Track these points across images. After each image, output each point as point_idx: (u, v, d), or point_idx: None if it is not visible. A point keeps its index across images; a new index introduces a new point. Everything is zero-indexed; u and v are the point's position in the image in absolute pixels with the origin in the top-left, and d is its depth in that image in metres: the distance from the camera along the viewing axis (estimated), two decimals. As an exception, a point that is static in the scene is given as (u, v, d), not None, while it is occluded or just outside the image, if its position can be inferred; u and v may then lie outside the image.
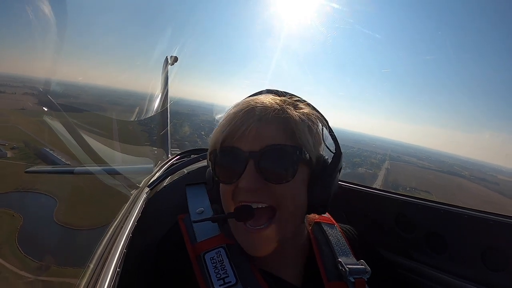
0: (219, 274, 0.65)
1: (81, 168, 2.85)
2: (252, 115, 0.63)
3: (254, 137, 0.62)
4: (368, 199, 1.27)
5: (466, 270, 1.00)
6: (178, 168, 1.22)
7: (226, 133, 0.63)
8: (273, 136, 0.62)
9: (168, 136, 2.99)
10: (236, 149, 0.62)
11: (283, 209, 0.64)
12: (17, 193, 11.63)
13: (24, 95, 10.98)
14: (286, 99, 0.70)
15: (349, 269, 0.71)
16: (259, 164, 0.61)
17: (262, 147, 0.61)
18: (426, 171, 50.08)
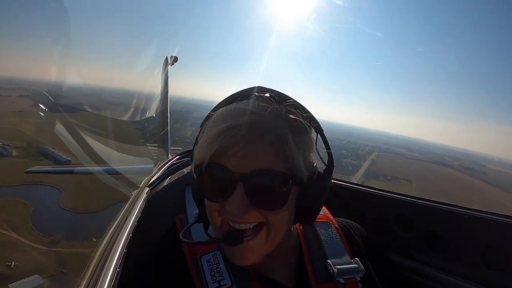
0: (214, 277, 0.65)
1: (81, 168, 2.87)
2: (244, 132, 0.56)
3: (244, 158, 0.56)
4: (367, 199, 1.27)
5: (466, 270, 1.00)
6: (178, 168, 1.22)
7: (214, 150, 0.57)
8: (264, 159, 0.57)
9: (168, 136, 2.97)
10: (224, 168, 0.57)
11: (270, 226, 0.62)
12: (25, 186, 13.12)
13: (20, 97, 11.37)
14: (283, 110, 0.63)
15: (338, 270, 0.70)
16: (248, 189, 0.57)
17: (253, 170, 0.56)
18: (413, 161, 49.91)
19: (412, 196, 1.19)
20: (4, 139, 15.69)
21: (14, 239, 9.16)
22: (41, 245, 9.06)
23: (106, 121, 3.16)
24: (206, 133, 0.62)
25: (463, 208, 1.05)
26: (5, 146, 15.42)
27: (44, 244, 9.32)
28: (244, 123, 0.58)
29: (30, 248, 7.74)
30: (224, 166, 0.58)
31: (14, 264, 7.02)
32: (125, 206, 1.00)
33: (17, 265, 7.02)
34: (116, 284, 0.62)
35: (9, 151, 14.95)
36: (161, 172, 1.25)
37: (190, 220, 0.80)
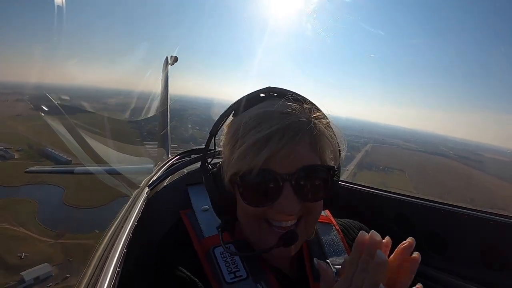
0: (230, 268, 0.66)
1: (81, 168, 2.88)
2: (289, 136, 0.59)
3: (288, 159, 0.60)
4: (368, 199, 1.27)
5: (466, 270, 1.00)
6: (178, 168, 1.21)
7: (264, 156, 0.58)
8: (306, 156, 0.62)
9: (169, 136, 2.97)
10: (273, 172, 0.60)
11: (309, 220, 0.66)
12: (29, 186, 14.12)
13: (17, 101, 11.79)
14: (308, 107, 0.67)
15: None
16: (296, 186, 0.60)
17: (298, 168, 0.60)
18: (408, 152, 50.53)
19: (412, 196, 1.19)
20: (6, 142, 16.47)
21: (23, 234, 10.25)
22: (48, 238, 10.17)
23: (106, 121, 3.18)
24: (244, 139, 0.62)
25: (463, 208, 1.05)
26: (7, 150, 16.15)
27: (51, 237, 10.36)
28: (285, 127, 0.60)
29: (38, 241, 9.30)
30: (272, 170, 0.60)
31: (25, 255, 8.25)
32: (125, 206, 1.00)
33: (27, 255, 8.23)
34: (116, 284, 0.62)
35: (11, 154, 15.68)
36: (161, 172, 1.25)
37: (198, 215, 0.81)
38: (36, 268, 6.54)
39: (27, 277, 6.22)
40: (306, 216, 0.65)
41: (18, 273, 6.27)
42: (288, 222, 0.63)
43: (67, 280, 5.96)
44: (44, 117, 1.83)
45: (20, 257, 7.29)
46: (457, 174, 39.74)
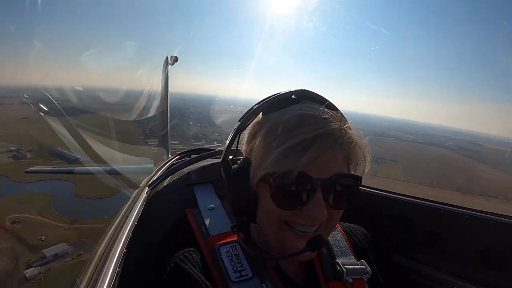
0: (235, 267, 0.65)
1: (81, 168, 2.93)
2: (331, 142, 0.59)
3: (325, 165, 0.60)
4: (368, 199, 1.26)
5: (466, 270, 1.00)
6: (178, 168, 1.21)
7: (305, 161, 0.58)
8: (338, 163, 0.62)
9: (169, 136, 2.96)
10: (307, 177, 0.59)
11: (329, 225, 0.67)
12: (43, 182, 15.74)
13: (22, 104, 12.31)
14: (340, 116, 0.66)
15: (346, 269, 0.72)
16: (327, 193, 0.60)
17: (331, 175, 0.60)
18: (406, 143, 50.21)
19: (412, 196, 1.18)
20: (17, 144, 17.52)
21: (41, 221, 11.61)
22: (63, 223, 11.71)
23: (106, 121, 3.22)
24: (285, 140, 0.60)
25: (463, 208, 1.05)
26: (19, 150, 17.25)
27: (66, 223, 11.83)
28: (331, 132, 0.60)
29: (54, 226, 10.71)
30: (305, 173, 0.59)
31: (44, 237, 9.46)
32: (125, 206, 1.01)
33: (46, 238, 9.53)
34: (116, 284, 0.62)
35: (24, 154, 16.80)
36: (161, 172, 1.25)
37: (204, 214, 0.80)
38: (55, 247, 8.94)
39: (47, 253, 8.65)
40: (326, 223, 0.64)
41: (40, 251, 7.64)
42: (312, 227, 0.63)
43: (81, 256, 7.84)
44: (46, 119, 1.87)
45: (40, 239, 9.92)
46: (452, 164, 39.64)
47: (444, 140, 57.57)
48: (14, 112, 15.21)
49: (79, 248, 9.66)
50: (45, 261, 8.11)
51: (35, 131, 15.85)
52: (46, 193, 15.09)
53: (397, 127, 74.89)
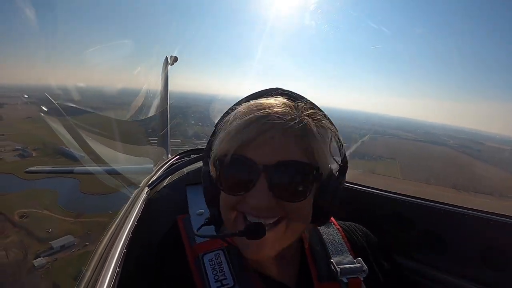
0: (217, 276, 0.65)
1: (81, 168, 2.94)
2: (269, 124, 0.57)
3: (269, 149, 0.56)
4: (368, 199, 1.26)
5: (466, 270, 1.00)
6: (178, 168, 1.21)
7: (240, 142, 0.57)
8: (288, 151, 0.57)
9: (168, 136, 2.96)
10: (248, 160, 0.56)
11: (290, 221, 0.61)
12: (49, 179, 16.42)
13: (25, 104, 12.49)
14: (302, 105, 0.63)
15: (341, 269, 0.70)
16: (272, 180, 0.56)
17: (277, 161, 0.56)
18: (406, 141, 50.78)
19: (412, 196, 1.18)
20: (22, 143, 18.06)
21: (48, 215, 12.18)
22: (69, 217, 12.09)
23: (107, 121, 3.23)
24: (229, 126, 0.61)
25: (463, 208, 1.05)
26: (25, 149, 17.79)
27: (71, 217, 12.38)
28: (269, 115, 0.58)
29: (61, 220, 11.41)
30: (248, 157, 0.57)
31: (51, 230, 9.89)
32: (125, 206, 1.01)
33: (53, 230, 9.95)
34: (116, 284, 0.62)
35: (30, 153, 17.28)
36: (161, 172, 1.25)
37: (193, 220, 0.79)
38: (62, 239, 9.55)
39: (55, 245, 9.30)
40: (286, 219, 0.60)
41: (48, 243, 8.10)
42: (262, 219, 0.58)
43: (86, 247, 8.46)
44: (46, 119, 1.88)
45: (47, 231, 10.53)
46: (450, 162, 39.83)
47: (446, 138, 57.76)
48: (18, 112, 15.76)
49: (84, 240, 10.39)
50: (52, 251, 9.27)
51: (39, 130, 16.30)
52: (52, 190, 15.91)
53: (397, 125, 75.01)
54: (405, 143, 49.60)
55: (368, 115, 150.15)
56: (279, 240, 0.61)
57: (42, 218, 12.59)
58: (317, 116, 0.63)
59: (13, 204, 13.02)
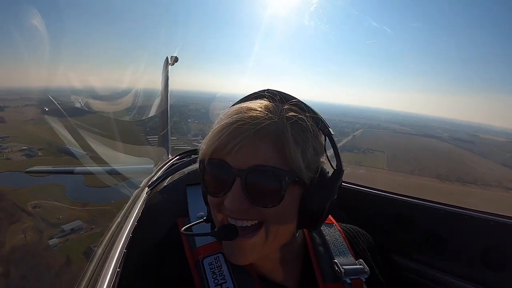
0: (216, 280, 0.65)
1: (81, 168, 2.96)
2: (243, 129, 0.58)
3: (243, 154, 0.57)
4: (367, 199, 1.26)
5: (466, 270, 1.00)
6: (178, 168, 1.20)
7: (215, 146, 0.59)
8: (262, 156, 0.57)
9: (169, 136, 2.93)
10: (224, 164, 0.59)
11: (270, 226, 0.61)
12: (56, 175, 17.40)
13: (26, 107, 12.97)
14: (284, 108, 0.63)
15: (344, 270, 0.71)
16: (245, 184, 0.57)
17: (250, 166, 0.57)
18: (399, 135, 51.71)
19: (412, 196, 1.18)
20: (28, 143, 18.99)
21: (57, 205, 13.25)
22: (76, 206, 13.10)
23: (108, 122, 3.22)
24: (211, 131, 0.64)
25: (462, 208, 1.04)
26: (31, 149, 18.64)
27: (78, 206, 13.31)
28: (242, 119, 0.59)
29: (69, 209, 12.35)
30: (224, 161, 0.59)
31: (62, 217, 10.86)
32: (125, 206, 1.02)
33: (63, 217, 10.73)
34: (116, 284, 0.62)
35: (35, 152, 18.15)
36: (161, 172, 1.25)
37: (193, 222, 0.78)
38: (71, 223, 10.70)
39: (65, 228, 10.49)
40: (265, 223, 0.60)
41: (59, 227, 9.40)
42: (239, 221, 0.60)
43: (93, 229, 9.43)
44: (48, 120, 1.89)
45: (58, 218, 11.62)
46: (439, 154, 40.28)
47: (441, 131, 58.04)
48: (20, 115, 16.58)
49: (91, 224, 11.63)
50: (63, 234, 10.77)
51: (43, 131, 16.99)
52: (59, 184, 17.37)
53: (395, 119, 75.17)
54: (398, 136, 49.98)
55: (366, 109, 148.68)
56: (260, 245, 0.61)
57: (53, 208, 13.95)
58: (297, 118, 0.61)
59: (26, 197, 14.23)
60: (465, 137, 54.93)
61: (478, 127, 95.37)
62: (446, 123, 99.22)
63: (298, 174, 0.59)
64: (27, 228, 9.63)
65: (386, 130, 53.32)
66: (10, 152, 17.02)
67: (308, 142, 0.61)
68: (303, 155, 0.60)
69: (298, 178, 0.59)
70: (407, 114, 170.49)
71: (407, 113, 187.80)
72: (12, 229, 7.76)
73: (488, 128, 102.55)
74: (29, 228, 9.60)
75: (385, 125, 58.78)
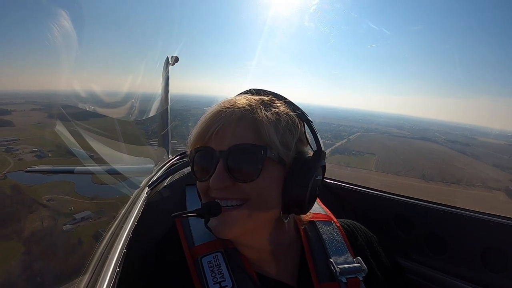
0: (215, 278, 0.66)
1: (82, 168, 3.00)
2: (222, 116, 0.65)
3: (223, 137, 0.64)
4: (367, 200, 1.26)
5: (465, 271, 1.00)
6: (178, 168, 1.21)
7: (199, 133, 0.67)
8: (240, 136, 0.64)
9: (169, 136, 2.95)
10: (208, 149, 0.65)
11: (252, 201, 0.65)
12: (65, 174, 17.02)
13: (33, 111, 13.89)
14: (262, 98, 0.71)
15: (340, 269, 0.71)
16: (227, 163, 0.63)
17: (230, 147, 0.63)
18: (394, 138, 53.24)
19: (412, 196, 1.17)
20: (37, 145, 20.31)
21: (68, 198, 14.57)
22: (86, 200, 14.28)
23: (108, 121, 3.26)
24: (197, 123, 0.71)
25: (462, 209, 1.04)
26: (41, 150, 20.00)
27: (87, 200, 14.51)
28: (221, 109, 0.67)
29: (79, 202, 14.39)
30: (208, 146, 0.66)
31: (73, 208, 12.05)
32: (125, 206, 1.01)
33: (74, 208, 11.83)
34: (116, 284, 0.62)
35: (46, 153, 19.48)
36: (161, 172, 1.25)
37: (191, 222, 0.80)
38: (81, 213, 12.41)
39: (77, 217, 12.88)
40: (249, 201, 0.64)
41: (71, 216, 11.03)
42: (225, 200, 0.64)
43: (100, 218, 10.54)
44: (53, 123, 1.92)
45: (70, 209, 13.34)
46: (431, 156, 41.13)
47: (439, 134, 59.38)
48: (28, 118, 17.90)
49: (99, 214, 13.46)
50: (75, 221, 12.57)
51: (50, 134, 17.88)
52: (69, 181, 19.00)
53: (395, 123, 76.85)
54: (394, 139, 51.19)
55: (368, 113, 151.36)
56: (244, 219, 0.64)
57: (64, 201, 15.80)
58: (271, 102, 0.70)
59: (40, 192, 15.84)
60: (462, 140, 56.09)
61: (478, 130, 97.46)
62: (446, 126, 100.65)
63: (274, 150, 0.64)
64: (44, 216, 11.60)
65: (383, 133, 54.73)
66: (22, 153, 18.46)
67: (280, 122, 0.67)
68: (276, 132, 0.65)
69: (275, 155, 0.64)
70: (410, 117, 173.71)
71: (410, 117, 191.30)
72: (30, 218, 9.44)
73: (488, 131, 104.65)
74: (45, 217, 11.70)
75: (383, 128, 60.32)
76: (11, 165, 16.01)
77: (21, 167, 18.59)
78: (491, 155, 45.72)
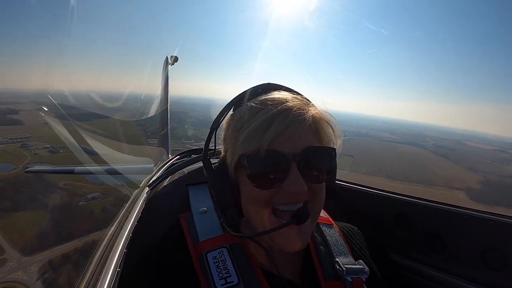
0: (221, 274, 0.65)
1: (81, 168, 2.94)
2: (292, 117, 0.62)
3: (294, 139, 0.62)
4: (367, 199, 1.26)
5: (465, 270, 1.00)
6: (178, 168, 1.21)
7: (269, 136, 0.60)
8: (309, 138, 0.64)
9: (169, 136, 2.98)
10: (278, 153, 0.61)
11: (315, 204, 0.66)
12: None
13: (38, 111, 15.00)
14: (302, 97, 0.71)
15: (346, 268, 0.71)
16: (301, 166, 0.61)
17: (303, 149, 0.62)
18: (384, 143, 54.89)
19: (412, 196, 1.17)
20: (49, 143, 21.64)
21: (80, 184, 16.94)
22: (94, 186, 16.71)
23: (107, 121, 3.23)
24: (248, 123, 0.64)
25: (462, 208, 1.04)
26: (53, 147, 21.52)
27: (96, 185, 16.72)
28: (289, 108, 0.63)
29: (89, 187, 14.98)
30: (277, 150, 0.61)
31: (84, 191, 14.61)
32: (125, 206, 1.01)
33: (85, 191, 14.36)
34: (116, 284, 0.62)
35: (58, 149, 20.78)
36: (161, 172, 1.25)
37: (195, 218, 0.79)
38: (92, 194, 14.31)
39: (88, 196, 14.45)
40: (311, 201, 0.64)
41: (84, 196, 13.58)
42: (296, 205, 0.62)
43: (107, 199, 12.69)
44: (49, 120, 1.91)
45: (82, 191, 15.30)
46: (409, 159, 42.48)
47: (428, 139, 60.72)
48: (36, 117, 19.49)
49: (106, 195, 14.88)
50: (87, 200, 14.84)
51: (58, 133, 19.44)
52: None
53: (389, 128, 77.80)
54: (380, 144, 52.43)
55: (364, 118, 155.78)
56: (311, 227, 0.66)
57: (77, 186, 17.54)
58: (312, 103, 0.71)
59: (56, 180, 17.10)
60: (450, 145, 57.54)
61: (474, 136, 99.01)
62: (442, 132, 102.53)
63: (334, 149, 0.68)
64: (63, 195, 14.00)
65: (371, 138, 56.00)
66: (36, 149, 19.19)
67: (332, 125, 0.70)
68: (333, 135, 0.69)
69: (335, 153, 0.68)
70: (408, 123, 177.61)
71: (408, 122, 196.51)
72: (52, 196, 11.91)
73: (485, 136, 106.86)
74: (64, 195, 14.05)
75: (374, 133, 61.55)
76: (28, 158, 17.30)
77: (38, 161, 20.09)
78: (473, 159, 47.06)
